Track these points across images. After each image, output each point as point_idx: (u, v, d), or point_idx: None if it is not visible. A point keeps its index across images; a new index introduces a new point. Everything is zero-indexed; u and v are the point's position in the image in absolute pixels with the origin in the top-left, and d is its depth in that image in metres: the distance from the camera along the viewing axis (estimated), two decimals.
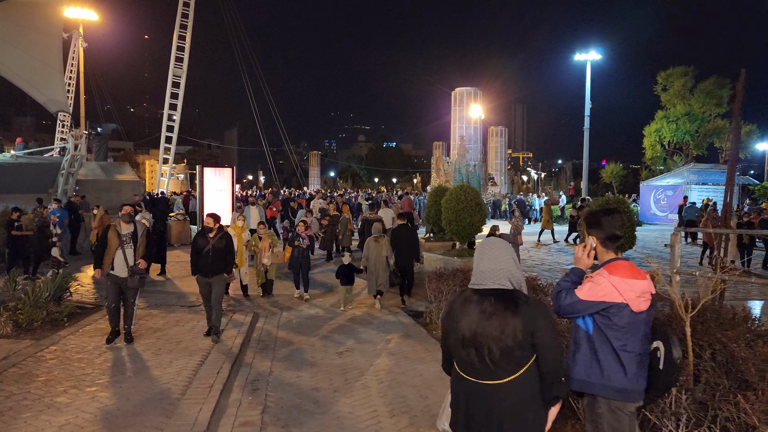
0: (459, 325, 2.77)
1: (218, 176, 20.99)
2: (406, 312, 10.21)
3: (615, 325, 3.12)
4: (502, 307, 2.69)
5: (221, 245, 8.06)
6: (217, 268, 7.99)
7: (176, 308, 10.04)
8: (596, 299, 3.11)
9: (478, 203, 14.57)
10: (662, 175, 30.75)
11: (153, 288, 11.77)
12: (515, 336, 2.64)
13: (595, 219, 3.42)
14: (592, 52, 30.65)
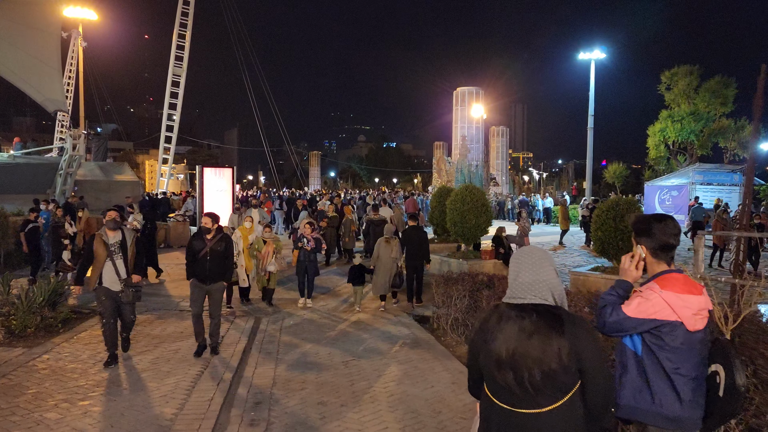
0: (494, 344, 2.43)
1: (218, 176, 20.69)
2: (412, 317, 9.90)
3: (667, 346, 2.76)
4: (546, 325, 2.36)
5: (220, 248, 7.25)
6: (215, 274, 7.22)
7: (174, 313, 9.71)
8: (646, 317, 2.77)
9: (483, 204, 14.25)
10: (667, 176, 30.40)
11: (150, 291, 11.44)
12: (560, 358, 2.31)
13: (645, 225, 3.03)
14: (597, 51, 30.31)
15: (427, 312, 10.15)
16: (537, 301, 2.46)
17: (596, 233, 12.35)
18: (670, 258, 2.97)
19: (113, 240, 6.88)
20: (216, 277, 7.24)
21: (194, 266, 7.22)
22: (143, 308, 9.78)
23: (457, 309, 8.04)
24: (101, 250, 6.79)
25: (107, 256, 6.79)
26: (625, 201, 12.19)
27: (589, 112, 30.18)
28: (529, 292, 2.47)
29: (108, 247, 6.81)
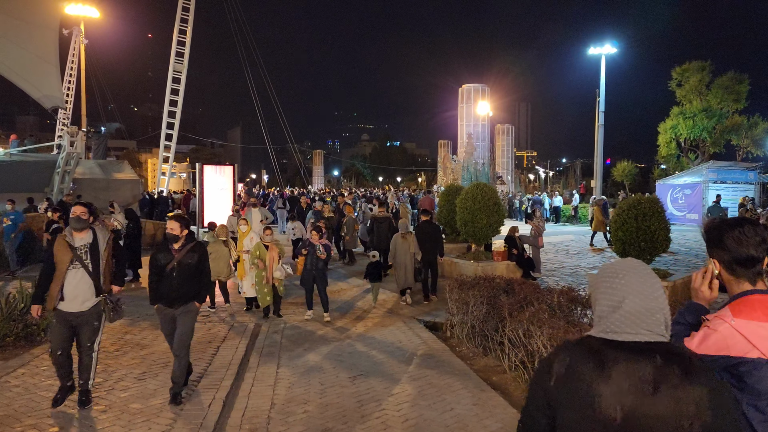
0: (596, 401, 1.70)
1: (219, 174, 20.04)
2: (423, 323, 9.23)
3: (751, 389, 2.05)
4: (677, 374, 1.65)
5: (191, 261, 5.69)
6: (184, 294, 5.63)
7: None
8: (714, 353, 2.05)
9: (495, 203, 13.57)
10: (679, 174, 29.64)
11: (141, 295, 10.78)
12: (701, 419, 1.60)
13: (715, 234, 2.29)
14: (607, 46, 29.53)
15: (438, 318, 9.48)
16: (654, 337, 1.76)
17: (616, 233, 11.66)
18: (755, 274, 2.24)
19: (81, 242, 5.41)
20: (186, 297, 5.67)
21: (159, 286, 5.69)
22: (137, 314, 9.12)
23: (474, 317, 7.36)
24: (63, 256, 5.32)
25: (70, 263, 5.31)
26: (647, 199, 11.51)
27: (599, 108, 29.41)
28: (642, 326, 1.75)
29: (74, 251, 5.33)
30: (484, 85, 43.54)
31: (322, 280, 9.28)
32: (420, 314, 9.90)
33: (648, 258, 11.48)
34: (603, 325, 1.80)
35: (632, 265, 1.86)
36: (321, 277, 9.24)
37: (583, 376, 1.72)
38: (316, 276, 9.18)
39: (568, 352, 1.82)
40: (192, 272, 5.68)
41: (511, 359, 6.26)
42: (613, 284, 1.83)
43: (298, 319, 9.25)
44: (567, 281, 13.37)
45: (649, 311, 1.74)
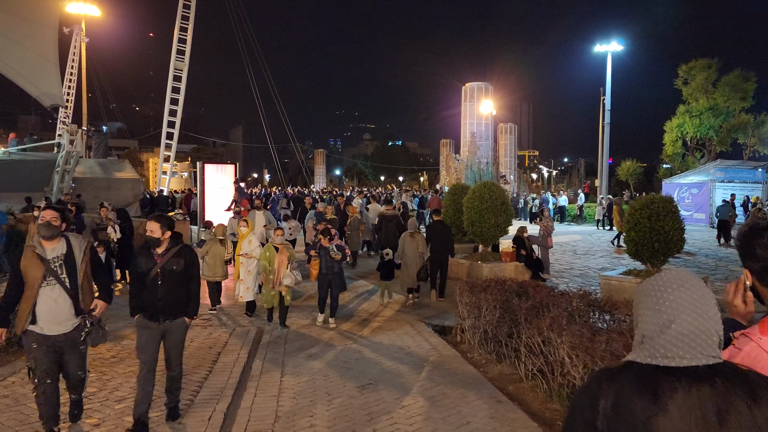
0: None
1: (220, 173, 19.73)
2: (431, 326, 8.91)
3: None
4: (744, 399, 1.36)
5: (177, 267, 4.89)
6: (171, 306, 4.87)
7: None
8: None
9: (503, 202, 13.24)
10: (686, 173, 29.30)
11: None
12: None
13: (746, 241, 1.95)
14: (614, 43, 29.16)
15: (447, 321, 9.16)
16: (711, 360, 1.46)
17: (629, 234, 11.33)
18: None
19: (53, 254, 4.50)
20: (173, 310, 4.90)
21: (141, 296, 4.90)
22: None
23: (486, 322, 7.03)
24: (34, 271, 4.42)
25: (43, 278, 4.42)
26: (660, 199, 11.19)
27: (606, 107, 29.06)
28: (698, 348, 1.46)
29: (46, 264, 4.44)
30: (487, 84, 43.21)
31: (338, 284, 8.88)
32: (427, 317, 9.58)
33: (662, 259, 11.16)
34: (650, 349, 1.50)
35: (683, 277, 1.55)
36: (337, 280, 8.83)
37: (637, 412, 1.44)
38: (332, 279, 8.77)
39: (612, 383, 1.52)
40: (178, 280, 4.90)
41: (528, 367, 5.94)
42: (661, 300, 1.54)
43: (302, 323, 8.92)
44: (577, 283, 13.05)
45: (704, 332, 1.46)
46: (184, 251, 5.00)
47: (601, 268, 15.16)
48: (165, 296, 4.82)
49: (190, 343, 7.39)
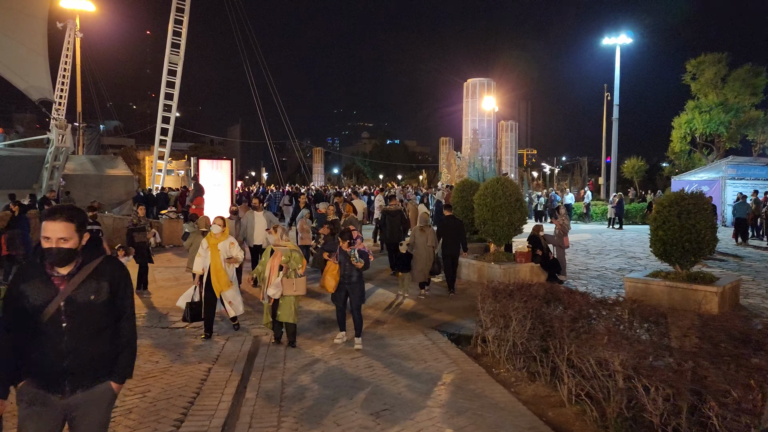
0: None
1: (216, 169, 18.87)
2: (446, 335, 8.05)
3: None
4: None
5: (97, 297, 3.00)
6: (86, 366, 2.96)
7: (153, 332, 7.87)
8: None
9: (518, 199, 12.39)
10: (696, 170, 28.47)
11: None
12: None
13: None
14: (623, 36, 28.27)
15: (465, 330, 8.31)
16: None
17: (656, 233, 10.47)
18: None
19: None
20: (89, 371, 2.98)
21: (28, 348, 2.91)
22: None
23: (516, 333, 6.16)
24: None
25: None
26: (691, 195, 10.33)
27: (614, 101, 28.17)
28: None
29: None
30: (489, 80, 42.37)
31: (358, 296, 7.54)
32: (440, 324, 8.73)
33: (692, 260, 10.32)
34: None
35: None
36: (356, 291, 7.50)
37: None
38: (350, 290, 7.47)
39: None
40: (98, 319, 2.98)
41: (571, 389, 5.07)
42: None
43: (301, 342, 8.05)
44: (596, 285, 12.21)
45: None
46: (106, 268, 3.06)
47: (618, 269, 14.32)
48: (74, 349, 2.89)
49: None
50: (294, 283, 7.24)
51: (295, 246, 7.72)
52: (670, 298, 10.06)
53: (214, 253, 7.62)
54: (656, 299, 10.20)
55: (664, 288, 10.21)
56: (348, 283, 7.47)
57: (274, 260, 7.31)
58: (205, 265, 7.63)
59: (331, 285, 7.41)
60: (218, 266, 7.61)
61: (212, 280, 7.57)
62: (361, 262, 7.35)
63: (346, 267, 7.42)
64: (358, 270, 7.44)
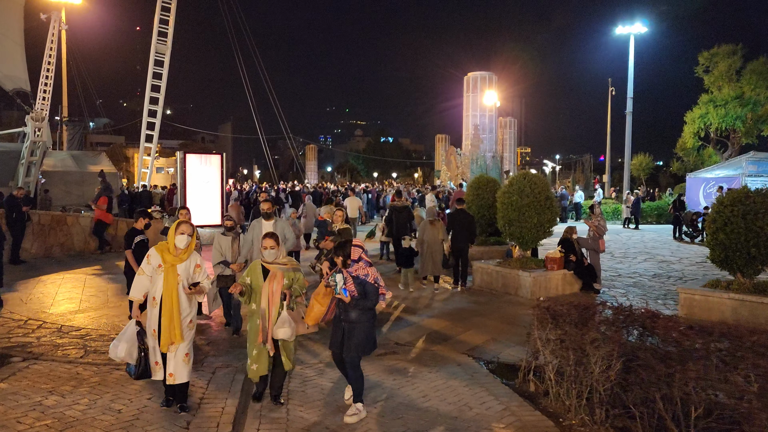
0: None
1: (205, 164, 17.20)
2: (483, 365, 6.55)
3: None
4: None
5: None
6: None
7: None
8: None
9: (548, 197, 10.90)
10: (713, 166, 27.08)
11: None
12: None
13: None
14: (638, 24, 26.80)
15: (505, 355, 6.81)
16: None
17: (715, 236, 8.98)
18: None
19: None
20: None
21: None
22: None
23: (596, 377, 4.63)
24: None
25: None
26: (758, 194, 8.84)
27: (628, 94, 26.74)
28: None
29: None
30: (491, 73, 40.93)
31: (355, 342, 4.95)
32: (471, 346, 7.22)
33: (758, 268, 8.85)
34: None
35: None
36: (354, 334, 4.96)
37: None
38: (347, 331, 4.99)
39: None
40: None
41: None
42: None
43: (307, 360, 6.50)
44: (635, 294, 10.73)
45: None
46: None
47: (653, 275, 12.86)
48: None
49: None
50: (303, 317, 5.17)
51: (295, 263, 5.45)
52: (736, 313, 8.59)
53: (169, 277, 4.85)
54: (718, 314, 8.74)
55: (727, 301, 8.73)
56: (345, 320, 5.00)
57: (273, 285, 5.08)
58: (156, 294, 4.87)
59: (314, 316, 5.01)
60: (173, 299, 4.82)
61: (162, 323, 4.79)
62: (345, 296, 4.79)
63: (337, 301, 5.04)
64: (354, 304, 4.90)
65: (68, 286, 10.70)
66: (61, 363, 6.32)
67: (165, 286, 4.84)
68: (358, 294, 4.86)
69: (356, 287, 4.87)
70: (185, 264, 4.97)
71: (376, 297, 5.00)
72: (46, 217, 14.84)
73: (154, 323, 4.84)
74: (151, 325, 4.88)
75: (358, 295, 4.86)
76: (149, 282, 4.94)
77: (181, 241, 4.95)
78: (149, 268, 4.94)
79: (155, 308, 4.86)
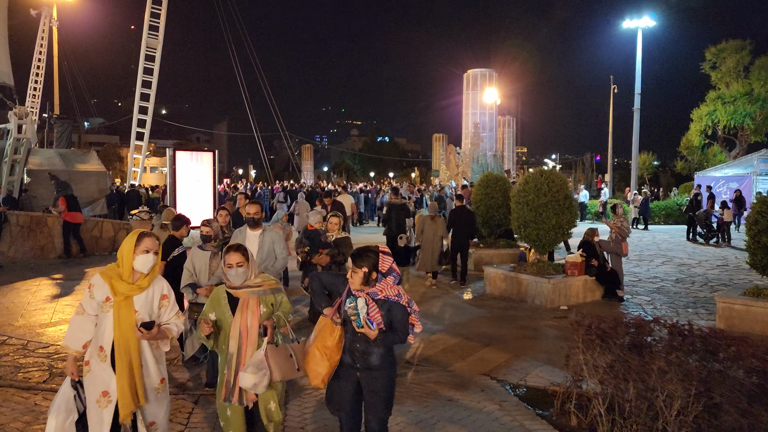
0: None
1: (196, 162, 16.25)
2: (509, 390, 5.67)
3: None
4: None
5: None
6: None
7: None
8: None
9: (567, 196, 10.03)
10: (722, 165, 26.30)
11: None
12: None
13: None
14: (645, 18, 25.96)
15: (531, 376, 5.93)
16: None
17: (757, 239, 8.13)
18: None
19: None
20: None
21: None
22: None
23: (667, 419, 3.74)
24: None
25: None
26: None
27: (636, 90, 25.91)
28: None
29: None
30: (491, 71, 40.11)
31: (378, 401, 3.45)
32: (493, 366, 6.33)
33: None
34: None
35: None
36: (375, 388, 3.45)
37: None
38: (364, 384, 3.47)
39: None
40: None
41: None
42: None
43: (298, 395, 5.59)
44: (662, 302, 9.86)
45: None
46: None
47: (676, 279, 12.01)
48: None
49: None
50: (292, 355, 3.59)
51: (273, 281, 3.85)
52: None
53: (122, 316, 3.38)
54: (762, 326, 7.87)
55: None
56: (361, 368, 3.43)
57: (245, 318, 3.63)
58: (104, 342, 3.39)
59: (320, 372, 3.43)
60: (131, 348, 3.37)
61: (117, 384, 3.33)
62: (372, 329, 3.30)
63: (351, 337, 3.47)
64: (378, 344, 3.40)
65: (43, 295, 9.77)
66: (18, 390, 5.40)
67: (117, 330, 3.33)
68: (384, 324, 3.38)
69: (383, 315, 3.38)
70: (146, 295, 3.46)
71: (406, 328, 3.44)
72: (25, 218, 13.90)
73: (103, 384, 3.35)
74: (97, 388, 3.35)
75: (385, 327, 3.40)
76: (92, 324, 3.42)
77: (144, 262, 3.42)
78: (92, 304, 3.40)
79: (104, 362, 3.36)
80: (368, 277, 3.39)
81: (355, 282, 3.41)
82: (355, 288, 3.42)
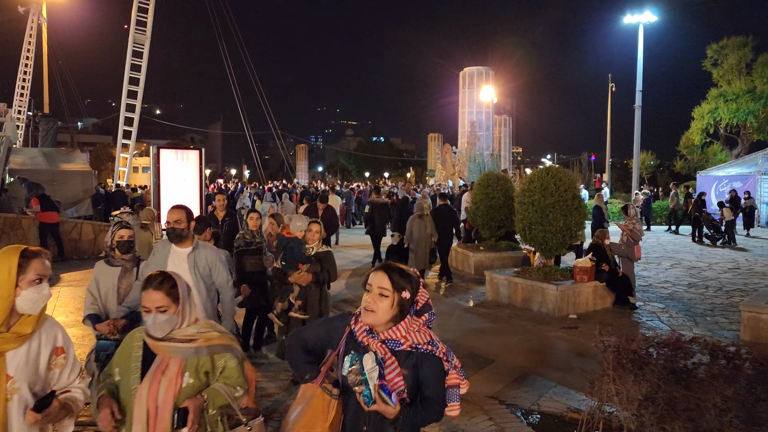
0: None
1: (181, 160, 15.40)
2: (520, 416, 4.97)
3: None
4: None
5: None
6: None
7: None
8: None
9: (575, 196, 9.31)
10: (725, 164, 25.68)
11: None
12: None
13: None
14: (647, 13, 25.32)
15: (544, 399, 5.23)
16: None
17: None
18: None
19: None
20: None
21: None
22: None
23: None
24: None
25: None
26: None
27: (637, 87, 25.28)
28: None
29: None
30: (488, 68, 39.48)
31: None
32: (496, 393, 5.61)
33: None
34: None
35: None
36: None
37: None
38: None
39: None
40: None
41: None
42: None
43: None
44: (677, 309, 9.17)
45: None
46: None
47: (687, 284, 11.33)
48: None
49: None
50: None
51: (220, 335, 2.50)
52: None
53: None
54: None
55: None
56: None
57: (154, 387, 2.33)
58: None
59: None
60: None
61: None
62: (391, 405, 1.95)
63: (356, 410, 2.15)
64: (402, 423, 2.02)
65: None
66: None
67: None
68: (408, 393, 2.11)
69: (406, 377, 2.12)
70: (28, 349, 2.20)
71: (442, 396, 2.20)
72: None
73: None
74: None
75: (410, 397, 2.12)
76: None
77: (35, 298, 2.19)
78: None
79: None
80: (406, 306, 2.15)
81: (379, 314, 2.10)
82: (371, 324, 2.13)
